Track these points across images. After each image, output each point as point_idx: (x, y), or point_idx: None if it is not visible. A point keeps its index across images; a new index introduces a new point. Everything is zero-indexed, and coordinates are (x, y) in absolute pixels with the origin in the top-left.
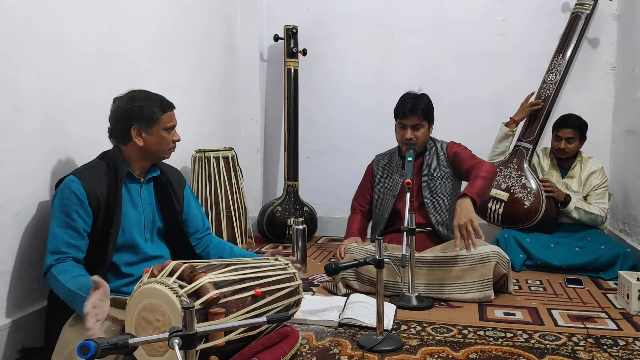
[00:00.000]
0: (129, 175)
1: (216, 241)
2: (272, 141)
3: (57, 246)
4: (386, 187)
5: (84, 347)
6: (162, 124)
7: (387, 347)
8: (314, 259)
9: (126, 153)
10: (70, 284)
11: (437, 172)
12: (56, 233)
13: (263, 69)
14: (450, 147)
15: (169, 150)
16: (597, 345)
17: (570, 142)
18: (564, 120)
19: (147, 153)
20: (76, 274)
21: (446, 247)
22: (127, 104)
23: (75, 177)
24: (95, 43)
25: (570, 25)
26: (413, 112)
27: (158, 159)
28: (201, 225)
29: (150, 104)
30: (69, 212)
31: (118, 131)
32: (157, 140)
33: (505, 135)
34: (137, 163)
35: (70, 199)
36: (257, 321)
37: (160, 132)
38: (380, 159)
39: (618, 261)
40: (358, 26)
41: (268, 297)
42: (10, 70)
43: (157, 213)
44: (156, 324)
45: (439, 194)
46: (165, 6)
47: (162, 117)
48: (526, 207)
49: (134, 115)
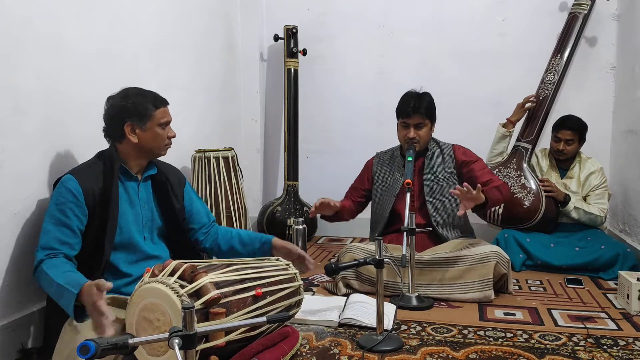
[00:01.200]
0: (126, 173)
1: (223, 231)
2: (272, 141)
3: (49, 242)
4: (386, 186)
5: (84, 347)
6: (156, 120)
7: (387, 347)
8: (314, 259)
9: (122, 151)
10: (59, 279)
11: (442, 174)
12: (49, 229)
13: (263, 69)
14: (457, 150)
15: (165, 147)
16: (597, 345)
17: (569, 144)
18: (564, 122)
19: (143, 150)
20: (66, 269)
21: (446, 247)
22: (120, 101)
23: (72, 175)
24: (95, 43)
25: (567, 26)
26: (416, 111)
27: (154, 155)
28: (206, 220)
29: (143, 100)
30: (64, 210)
31: (112, 129)
32: (151, 136)
33: (502, 135)
34: (133, 160)
35: (66, 197)
36: (257, 321)
37: (155, 128)
38: (381, 156)
39: (618, 261)
40: (358, 26)
41: (269, 297)
42: (10, 70)
43: (156, 212)
44: (157, 324)
45: (441, 195)
46: (165, 6)
47: (155, 113)
48: (526, 207)
49: (127, 111)
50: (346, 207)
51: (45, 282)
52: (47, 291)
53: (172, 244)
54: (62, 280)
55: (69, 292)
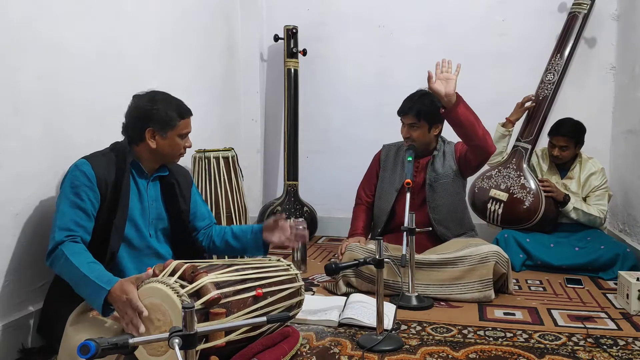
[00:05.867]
0: (138, 169)
1: (217, 229)
2: (272, 141)
3: (67, 223)
4: (390, 179)
5: (84, 347)
6: (178, 130)
7: (387, 347)
8: (314, 259)
9: (137, 152)
10: (85, 269)
11: (441, 170)
12: (65, 211)
13: (263, 69)
14: (457, 145)
15: (179, 156)
16: (597, 345)
17: (564, 150)
18: (558, 128)
19: (158, 156)
20: (90, 259)
21: (446, 247)
22: (147, 104)
23: (86, 160)
24: (95, 44)
25: (567, 25)
26: (406, 112)
27: (167, 162)
28: (208, 221)
29: (169, 108)
30: (78, 193)
31: (132, 130)
32: (169, 144)
33: (502, 135)
34: (146, 163)
35: (81, 180)
36: (257, 321)
37: (175, 137)
38: (388, 149)
39: (618, 261)
40: (358, 26)
41: (269, 297)
42: (10, 71)
43: (163, 211)
44: (157, 324)
45: (440, 192)
46: (165, 7)
47: (179, 124)
48: (525, 207)
49: (152, 117)
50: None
51: (65, 267)
52: (65, 276)
53: (175, 245)
54: (88, 272)
55: (99, 288)
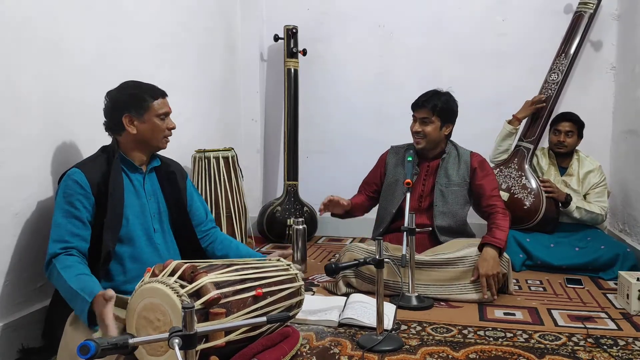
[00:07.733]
0: (129, 164)
1: (222, 237)
2: (272, 141)
3: (61, 235)
4: (396, 181)
5: (84, 347)
6: (154, 111)
7: (387, 347)
8: (314, 259)
9: (122, 143)
10: (72, 282)
11: (456, 178)
12: (60, 223)
13: (263, 69)
14: (474, 157)
15: (164, 139)
16: (597, 345)
17: (569, 136)
18: (563, 114)
19: (142, 142)
20: (79, 271)
21: (446, 247)
22: (117, 93)
23: (78, 168)
24: (95, 44)
25: (573, 25)
26: (423, 106)
27: (154, 148)
28: (204, 217)
29: (139, 91)
30: (72, 202)
31: (111, 121)
32: (150, 127)
33: (508, 133)
34: (134, 153)
35: (74, 189)
36: (256, 321)
37: (153, 119)
38: (396, 150)
39: (618, 261)
40: (358, 26)
41: (269, 297)
42: (10, 71)
43: (163, 203)
44: (157, 324)
45: (450, 199)
46: (165, 7)
47: (152, 104)
48: (526, 207)
49: (124, 103)
50: (358, 204)
51: (58, 281)
52: (59, 290)
53: (180, 239)
54: (75, 285)
55: (82, 300)
